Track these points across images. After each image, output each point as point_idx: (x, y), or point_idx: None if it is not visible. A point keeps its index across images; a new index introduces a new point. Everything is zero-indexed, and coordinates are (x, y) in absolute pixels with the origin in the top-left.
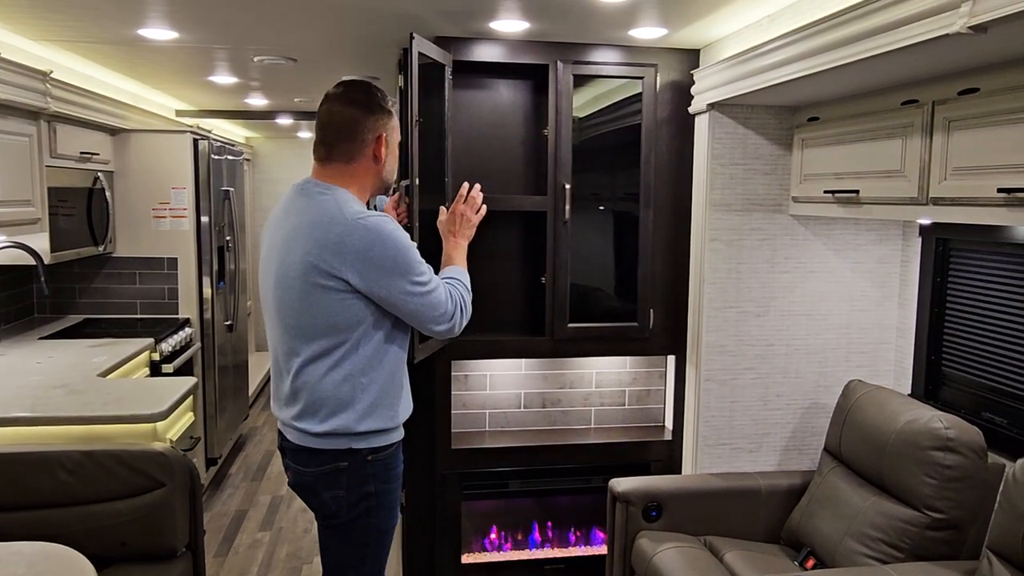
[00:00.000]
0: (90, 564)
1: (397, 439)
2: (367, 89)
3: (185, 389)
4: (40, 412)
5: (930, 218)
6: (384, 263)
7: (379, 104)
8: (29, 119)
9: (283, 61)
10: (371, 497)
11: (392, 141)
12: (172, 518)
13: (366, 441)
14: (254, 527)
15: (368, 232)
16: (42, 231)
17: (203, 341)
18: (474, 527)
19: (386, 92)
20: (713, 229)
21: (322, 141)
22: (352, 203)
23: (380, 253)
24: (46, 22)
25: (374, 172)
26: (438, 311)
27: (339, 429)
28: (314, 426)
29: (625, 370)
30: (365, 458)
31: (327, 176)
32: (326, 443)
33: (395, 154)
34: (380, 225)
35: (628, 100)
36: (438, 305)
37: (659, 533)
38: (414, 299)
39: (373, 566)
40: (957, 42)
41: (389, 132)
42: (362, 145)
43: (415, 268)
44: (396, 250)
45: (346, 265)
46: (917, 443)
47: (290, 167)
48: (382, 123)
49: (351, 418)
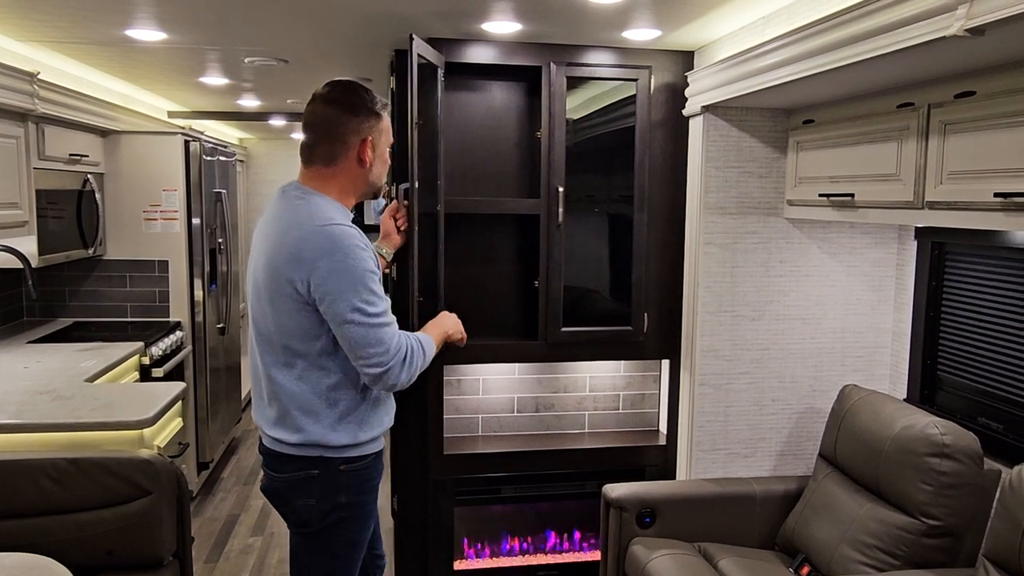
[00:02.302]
0: (70, 574)
1: (373, 451)
2: (352, 89)
3: (173, 395)
4: (25, 419)
5: (926, 222)
6: (335, 275)
7: (365, 105)
8: (16, 121)
9: (274, 62)
10: (343, 508)
11: (380, 144)
12: (159, 526)
13: (339, 451)
14: (246, 532)
15: (327, 240)
16: (30, 234)
17: (195, 344)
18: (467, 533)
19: (376, 94)
20: (707, 232)
21: (305, 142)
22: (325, 209)
23: (334, 265)
24: (32, 22)
25: (359, 176)
26: (378, 348)
27: (310, 440)
28: (287, 435)
29: (619, 374)
30: (338, 468)
31: (309, 178)
32: (299, 451)
33: (384, 158)
34: (343, 236)
35: (622, 102)
36: (381, 342)
37: (653, 539)
38: (356, 326)
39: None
40: (954, 45)
41: (376, 135)
42: (344, 147)
43: (368, 292)
44: (352, 265)
45: (302, 273)
46: (913, 449)
47: (284, 168)
48: (367, 125)
49: (320, 430)
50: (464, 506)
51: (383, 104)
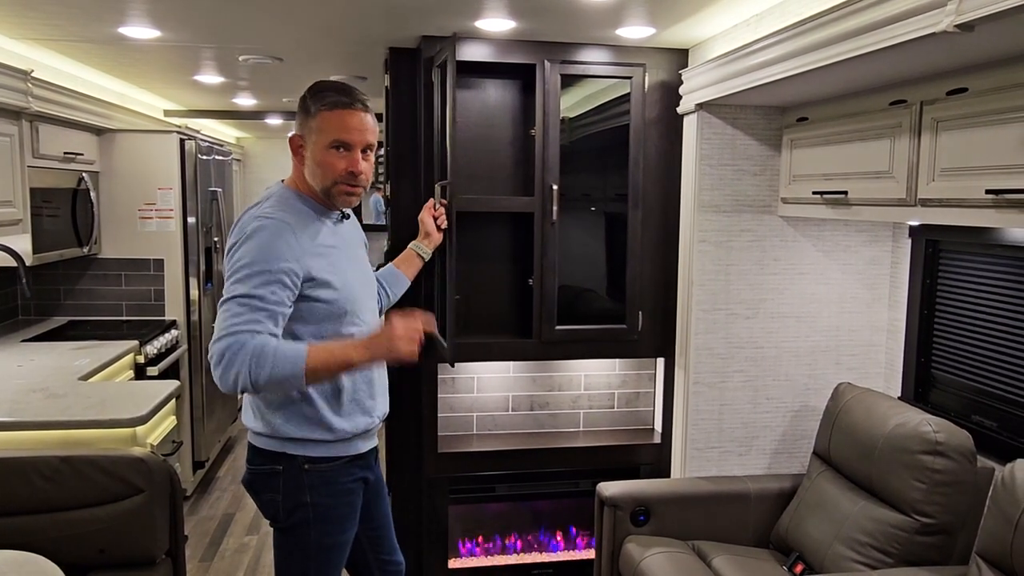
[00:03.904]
0: (61, 572)
1: (341, 454)
2: (309, 87)
3: (166, 393)
4: (18, 416)
5: (918, 219)
6: (233, 255)
7: (302, 103)
8: (10, 119)
9: (269, 60)
10: (307, 508)
11: (312, 143)
12: (152, 525)
13: (302, 448)
14: (241, 531)
15: (247, 226)
16: (24, 232)
17: (190, 343)
18: (461, 531)
19: (329, 92)
20: (702, 230)
21: None
22: (275, 203)
23: (238, 246)
24: (26, 20)
25: (302, 173)
26: (215, 338)
27: (269, 431)
28: (254, 424)
29: (614, 372)
30: (301, 466)
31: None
32: (264, 443)
33: (318, 159)
34: (263, 227)
35: (617, 100)
36: (219, 336)
37: (647, 538)
38: (221, 308)
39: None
40: (944, 41)
41: (307, 132)
42: (292, 143)
43: (241, 274)
44: (245, 252)
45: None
46: (906, 447)
47: (281, 167)
48: (299, 120)
49: (278, 422)
50: (459, 504)
51: (332, 101)
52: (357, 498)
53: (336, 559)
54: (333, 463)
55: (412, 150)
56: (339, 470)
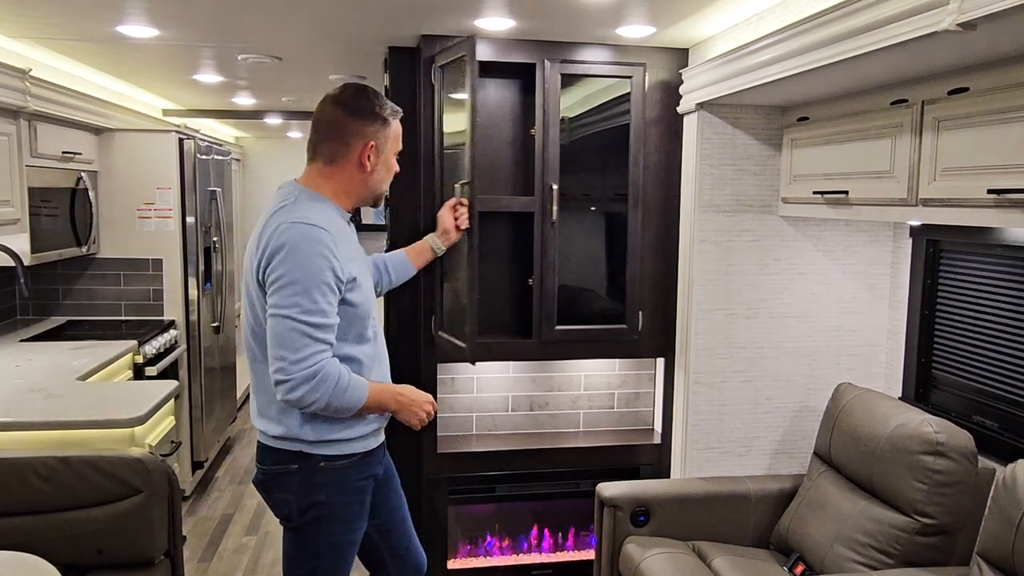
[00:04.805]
0: (59, 573)
1: (357, 451)
2: (362, 93)
3: (165, 393)
4: (16, 416)
5: (919, 219)
6: (283, 267)
7: (371, 110)
8: (8, 118)
9: (268, 60)
10: (322, 507)
11: (385, 151)
12: (150, 525)
13: (318, 448)
14: (240, 531)
15: (290, 235)
16: (22, 232)
17: (189, 343)
18: (461, 532)
19: (388, 101)
20: (702, 230)
21: (310, 139)
22: (304, 208)
23: (286, 258)
24: (24, 18)
25: (358, 179)
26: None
27: (286, 433)
28: (266, 426)
29: (614, 372)
30: (317, 465)
31: (308, 175)
32: (278, 443)
33: (388, 165)
34: (306, 235)
35: (617, 100)
36: (295, 350)
37: (647, 538)
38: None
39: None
40: (946, 40)
41: (381, 141)
42: (346, 149)
43: (307, 296)
44: (303, 264)
45: (263, 264)
46: (907, 447)
47: (280, 167)
48: (372, 130)
49: (294, 424)
50: (458, 505)
51: (393, 111)
52: (367, 496)
53: (346, 558)
54: (347, 460)
55: (412, 150)
56: (354, 467)
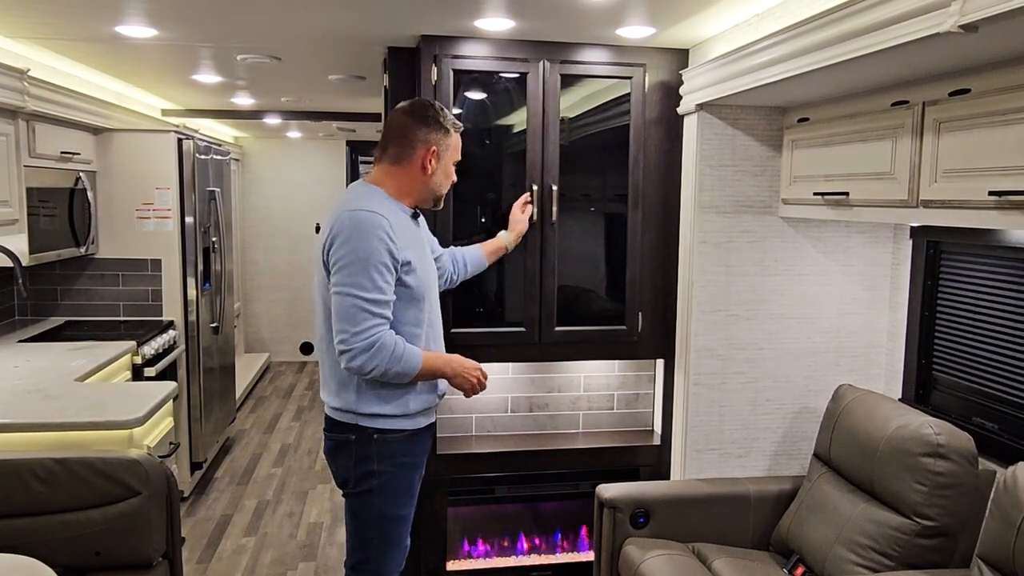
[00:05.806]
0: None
1: (408, 427)
2: (427, 105)
3: (163, 394)
4: (13, 418)
5: (920, 221)
6: (344, 248)
7: (434, 118)
8: (7, 118)
9: (267, 60)
10: (374, 476)
11: (445, 157)
12: (148, 527)
13: (371, 421)
14: (239, 532)
15: (352, 220)
16: (20, 232)
17: (188, 344)
18: (461, 533)
19: (450, 114)
20: (702, 231)
21: (380, 142)
22: (367, 198)
23: (347, 240)
24: (21, 19)
25: (419, 180)
26: (350, 327)
27: (344, 406)
28: (329, 399)
29: (613, 374)
30: (371, 436)
31: (374, 174)
32: (338, 415)
33: (447, 171)
34: (365, 220)
35: (617, 100)
36: (356, 323)
37: (647, 540)
38: (343, 297)
39: (378, 558)
40: (948, 41)
41: (442, 148)
42: (411, 151)
43: (366, 275)
44: (361, 247)
45: (328, 246)
46: (907, 449)
47: (280, 167)
48: (435, 136)
49: (351, 398)
50: (458, 506)
51: (455, 124)
52: (416, 476)
53: (396, 533)
54: (400, 434)
55: None
56: (405, 442)
